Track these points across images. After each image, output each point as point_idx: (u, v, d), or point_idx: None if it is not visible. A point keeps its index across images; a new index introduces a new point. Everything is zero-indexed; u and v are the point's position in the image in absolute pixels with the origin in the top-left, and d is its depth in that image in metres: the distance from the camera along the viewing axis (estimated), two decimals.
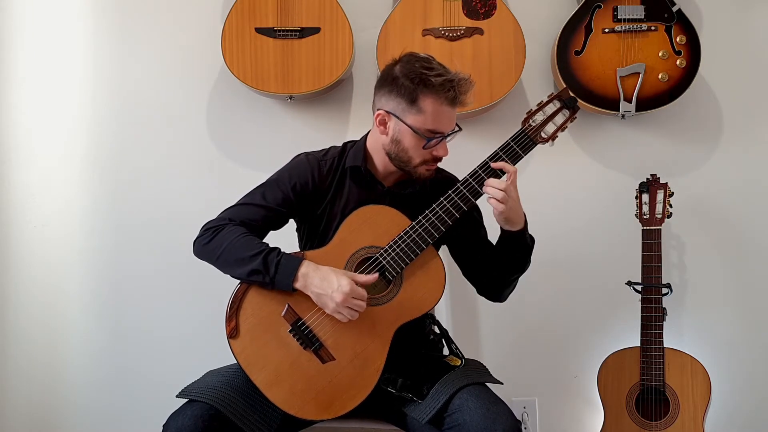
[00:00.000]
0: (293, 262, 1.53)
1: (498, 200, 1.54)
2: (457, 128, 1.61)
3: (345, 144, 1.75)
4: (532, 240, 1.67)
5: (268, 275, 1.51)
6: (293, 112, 2.36)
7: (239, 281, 1.57)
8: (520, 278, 1.71)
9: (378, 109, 1.62)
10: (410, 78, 1.55)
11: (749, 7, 2.35)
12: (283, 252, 1.56)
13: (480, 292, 1.75)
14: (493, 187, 1.54)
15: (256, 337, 1.53)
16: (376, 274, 1.53)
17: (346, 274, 1.51)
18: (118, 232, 2.35)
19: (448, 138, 1.61)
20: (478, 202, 1.61)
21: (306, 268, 1.52)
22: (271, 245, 1.57)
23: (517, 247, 1.63)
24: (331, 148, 1.74)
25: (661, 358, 2.01)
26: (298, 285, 1.51)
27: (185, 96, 2.36)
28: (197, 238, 1.63)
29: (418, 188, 1.68)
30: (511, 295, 1.74)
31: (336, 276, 1.49)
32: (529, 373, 2.33)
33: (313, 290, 1.51)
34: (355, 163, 1.68)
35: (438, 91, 1.55)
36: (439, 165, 1.78)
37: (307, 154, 1.73)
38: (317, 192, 1.67)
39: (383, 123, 1.62)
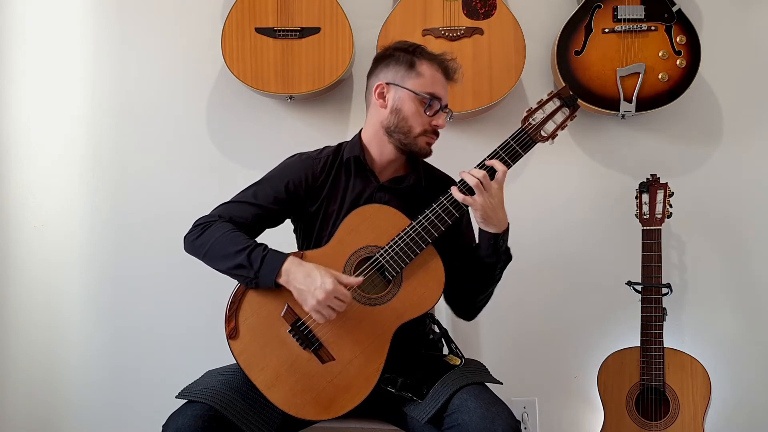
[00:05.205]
0: (278, 257, 1.52)
1: (472, 186, 1.52)
2: (450, 111, 1.66)
3: (339, 144, 1.76)
4: (509, 255, 1.64)
5: (252, 270, 1.51)
6: (293, 112, 2.36)
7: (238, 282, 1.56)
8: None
9: (377, 83, 1.65)
10: (405, 49, 1.65)
11: (749, 7, 2.35)
12: (269, 248, 1.55)
13: (451, 307, 1.73)
14: (469, 173, 1.53)
15: (255, 337, 1.53)
16: (361, 278, 1.52)
17: (330, 273, 1.49)
18: (118, 232, 2.36)
19: (447, 111, 1.65)
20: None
21: (289, 264, 1.51)
22: (260, 244, 1.56)
23: (490, 251, 1.60)
24: (325, 147, 1.75)
25: (661, 358, 2.01)
26: (281, 280, 1.51)
27: (185, 96, 2.36)
28: (187, 234, 1.63)
29: (413, 182, 1.68)
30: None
31: (320, 273, 1.48)
32: (529, 373, 2.33)
33: (296, 285, 1.49)
34: (353, 154, 1.68)
35: (432, 58, 1.64)
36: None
37: (301, 153, 1.73)
38: (312, 190, 1.67)
39: (382, 95, 1.65)
